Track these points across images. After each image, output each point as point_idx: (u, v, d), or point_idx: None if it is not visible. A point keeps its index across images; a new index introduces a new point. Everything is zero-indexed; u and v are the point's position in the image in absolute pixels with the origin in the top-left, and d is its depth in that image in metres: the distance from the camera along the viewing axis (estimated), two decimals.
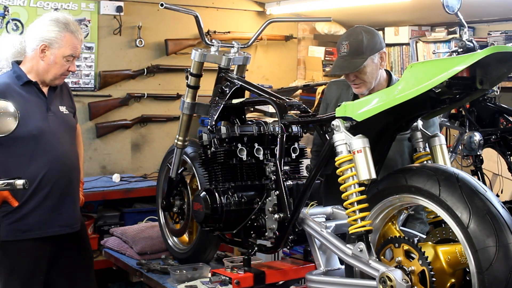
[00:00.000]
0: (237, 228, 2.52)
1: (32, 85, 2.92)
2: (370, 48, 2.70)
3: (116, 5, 4.95)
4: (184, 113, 2.95)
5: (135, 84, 5.18)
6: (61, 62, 2.89)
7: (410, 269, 1.94)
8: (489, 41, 4.35)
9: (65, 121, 3.01)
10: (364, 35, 2.72)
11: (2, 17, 4.58)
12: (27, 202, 2.85)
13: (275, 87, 5.53)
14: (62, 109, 3.01)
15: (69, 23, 2.91)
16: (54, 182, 2.89)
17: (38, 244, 2.89)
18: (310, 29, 5.97)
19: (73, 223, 3.00)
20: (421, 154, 2.30)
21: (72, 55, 2.91)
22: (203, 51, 2.84)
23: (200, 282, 2.81)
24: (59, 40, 2.87)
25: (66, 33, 2.88)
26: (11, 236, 2.85)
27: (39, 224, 2.87)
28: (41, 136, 2.86)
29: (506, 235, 1.74)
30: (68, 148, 2.98)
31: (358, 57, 2.69)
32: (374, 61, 2.73)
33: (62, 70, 2.92)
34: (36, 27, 2.91)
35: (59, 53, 2.87)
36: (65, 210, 2.95)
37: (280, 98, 2.55)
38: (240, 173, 2.54)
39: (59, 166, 2.90)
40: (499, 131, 3.62)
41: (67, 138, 3.00)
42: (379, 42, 2.76)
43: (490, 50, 1.76)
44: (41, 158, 2.86)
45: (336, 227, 2.28)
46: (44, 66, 2.89)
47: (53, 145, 2.90)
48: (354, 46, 2.70)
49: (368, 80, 2.75)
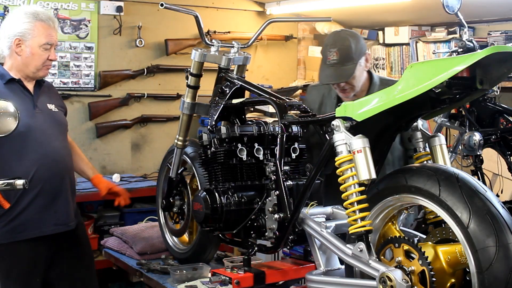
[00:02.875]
0: (237, 228, 2.52)
1: (15, 83, 2.86)
2: (358, 53, 2.73)
3: (116, 5, 4.96)
4: (184, 113, 2.95)
5: (135, 84, 5.19)
6: (39, 52, 2.83)
7: (410, 269, 1.94)
8: (489, 41, 4.36)
9: (54, 118, 2.96)
10: (351, 40, 2.73)
11: (2, 17, 4.58)
12: (18, 202, 2.80)
13: (275, 87, 5.53)
14: (50, 107, 2.96)
15: (38, 12, 2.86)
16: (45, 180, 2.84)
17: (33, 245, 2.85)
18: (310, 29, 5.97)
19: (69, 221, 2.96)
20: (421, 154, 2.30)
21: (48, 43, 2.85)
22: (203, 51, 2.84)
23: (200, 282, 2.81)
24: (31, 31, 2.81)
25: (37, 22, 2.82)
26: (5, 238, 2.81)
27: (33, 224, 2.83)
28: (29, 133, 2.80)
29: (506, 235, 1.74)
30: (58, 145, 2.92)
31: (348, 63, 2.71)
32: (361, 65, 2.77)
33: (42, 60, 2.85)
34: (6, 24, 2.88)
35: (34, 44, 2.82)
36: (59, 208, 2.90)
37: (280, 98, 2.55)
38: (240, 173, 2.54)
39: (49, 163, 2.85)
40: (499, 131, 3.62)
41: (57, 135, 2.95)
42: (363, 44, 2.79)
43: (490, 50, 1.76)
44: (30, 156, 2.81)
45: (336, 227, 2.28)
46: (23, 60, 2.84)
47: (41, 142, 2.84)
48: (344, 53, 2.71)
49: (356, 84, 2.79)
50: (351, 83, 2.77)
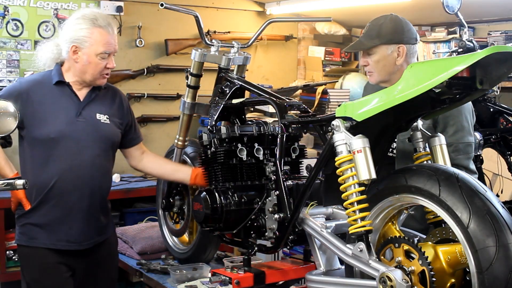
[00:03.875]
0: (237, 228, 2.52)
1: (65, 86, 2.73)
2: (386, 36, 2.60)
3: (116, 5, 4.95)
4: (184, 113, 2.95)
5: (135, 84, 5.18)
6: (95, 61, 2.68)
7: (410, 269, 1.94)
8: (489, 41, 4.36)
9: (98, 129, 2.74)
10: (387, 22, 2.62)
11: (2, 17, 4.58)
12: (36, 208, 2.70)
13: (275, 87, 5.53)
14: (99, 117, 2.76)
15: (97, 17, 2.70)
16: (63, 193, 2.69)
17: (45, 254, 2.72)
18: (310, 29, 5.97)
19: (83, 240, 2.75)
20: (421, 154, 2.30)
21: (106, 52, 2.69)
22: (203, 51, 2.84)
23: (200, 282, 2.82)
24: (88, 38, 2.66)
25: (95, 29, 2.67)
26: (22, 240, 2.75)
27: (45, 234, 2.70)
28: (60, 141, 2.66)
29: (506, 235, 1.74)
30: (89, 159, 2.71)
31: (369, 40, 2.62)
32: (388, 52, 2.61)
33: (99, 69, 2.71)
34: (65, 28, 2.74)
35: (91, 52, 2.67)
36: (74, 225, 2.72)
37: (280, 98, 2.55)
38: (240, 173, 2.54)
39: (71, 177, 2.68)
40: (499, 131, 3.63)
41: (95, 148, 2.73)
42: (401, 34, 2.62)
43: (490, 50, 1.76)
44: (55, 165, 2.67)
45: (336, 227, 2.27)
46: (79, 67, 2.70)
47: (71, 153, 2.68)
48: (371, 29, 2.64)
49: (376, 69, 2.65)
50: (370, 63, 2.65)
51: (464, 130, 2.65)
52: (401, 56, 2.61)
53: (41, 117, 2.67)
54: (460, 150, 2.62)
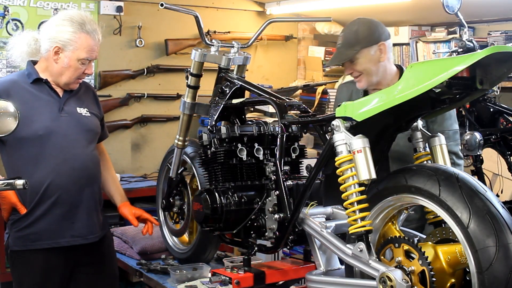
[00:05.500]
0: (237, 228, 2.52)
1: (43, 83, 2.73)
2: (364, 40, 2.70)
3: (116, 5, 4.96)
4: (184, 113, 2.95)
5: (135, 84, 5.19)
6: (76, 65, 2.68)
7: (410, 269, 1.94)
8: (489, 41, 4.36)
9: (82, 122, 2.76)
10: (360, 27, 2.72)
11: (2, 17, 4.59)
12: (34, 209, 2.67)
13: (275, 87, 5.53)
14: (80, 111, 2.78)
15: (85, 22, 2.68)
16: (62, 188, 2.67)
17: (48, 256, 2.70)
18: (310, 29, 5.97)
19: (87, 234, 2.76)
20: (421, 154, 2.30)
21: (88, 59, 2.70)
22: (203, 51, 2.84)
23: (200, 282, 2.81)
24: (74, 42, 2.65)
25: (81, 34, 2.66)
26: (19, 245, 2.69)
27: (48, 233, 2.67)
28: (49, 138, 2.66)
29: (506, 235, 1.74)
30: (80, 152, 2.73)
31: (350, 48, 2.71)
32: (371, 53, 2.72)
33: (77, 74, 2.71)
34: (50, 26, 2.71)
35: (73, 56, 2.67)
36: (78, 219, 2.72)
37: (280, 98, 2.55)
38: (240, 173, 2.53)
39: (67, 171, 2.68)
40: (499, 131, 3.63)
41: (82, 141, 2.75)
42: (378, 33, 2.73)
43: (490, 50, 1.76)
44: (48, 162, 2.66)
45: (336, 227, 2.27)
46: (58, 68, 2.69)
47: (62, 148, 2.68)
48: (347, 38, 2.73)
49: (365, 72, 2.75)
50: (358, 70, 2.74)
51: (452, 118, 2.82)
52: (383, 53, 2.73)
53: (26, 115, 2.58)
54: (450, 137, 2.74)
